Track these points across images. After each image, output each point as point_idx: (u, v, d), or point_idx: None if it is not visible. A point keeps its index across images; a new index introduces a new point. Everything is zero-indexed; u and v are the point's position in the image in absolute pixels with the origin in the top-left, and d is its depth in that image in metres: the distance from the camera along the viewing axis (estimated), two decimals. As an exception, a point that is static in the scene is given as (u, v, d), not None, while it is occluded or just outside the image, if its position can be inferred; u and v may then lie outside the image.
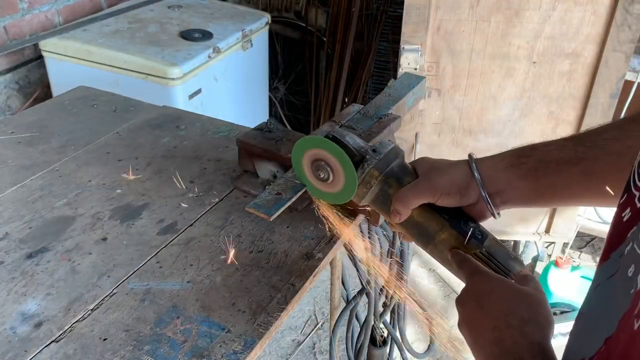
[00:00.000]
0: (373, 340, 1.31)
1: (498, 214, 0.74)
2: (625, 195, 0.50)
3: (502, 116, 2.08)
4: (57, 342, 0.77)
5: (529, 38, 1.91)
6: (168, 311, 0.82)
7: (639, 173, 0.49)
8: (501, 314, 0.61)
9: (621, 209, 0.51)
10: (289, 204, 0.82)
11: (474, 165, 0.73)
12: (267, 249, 0.95)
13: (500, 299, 0.63)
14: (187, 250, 0.94)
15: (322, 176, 0.77)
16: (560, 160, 0.70)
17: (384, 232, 1.13)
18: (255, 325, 0.80)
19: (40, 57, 2.16)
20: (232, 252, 0.92)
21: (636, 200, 0.48)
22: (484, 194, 0.72)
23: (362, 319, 1.28)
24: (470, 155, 0.75)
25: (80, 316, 0.81)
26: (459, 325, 0.67)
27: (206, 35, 2.17)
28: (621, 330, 0.45)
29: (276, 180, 0.86)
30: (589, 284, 0.58)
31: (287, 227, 1.00)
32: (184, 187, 1.10)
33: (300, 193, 0.84)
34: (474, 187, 0.72)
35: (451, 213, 0.73)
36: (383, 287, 1.21)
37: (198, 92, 2.10)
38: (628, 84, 2.04)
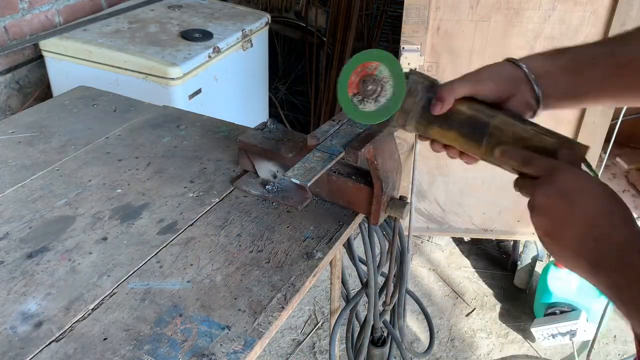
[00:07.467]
0: (373, 340, 1.31)
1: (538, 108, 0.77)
2: None
3: (502, 116, 2.08)
4: (57, 341, 0.77)
5: (529, 38, 1.91)
6: (168, 311, 0.82)
7: None
8: (601, 213, 0.60)
9: None
10: (322, 172, 0.88)
11: (522, 63, 0.77)
12: (267, 249, 0.95)
13: (595, 197, 0.62)
14: (187, 250, 0.94)
15: (369, 88, 0.80)
16: (596, 53, 0.75)
17: (384, 232, 1.13)
18: (255, 324, 0.80)
19: (40, 57, 2.16)
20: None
21: None
22: (532, 77, 0.75)
23: (362, 318, 1.29)
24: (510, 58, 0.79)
25: (81, 316, 0.81)
26: (542, 229, 0.65)
27: (206, 35, 2.17)
28: None
29: (309, 154, 0.92)
30: (588, 283, 0.58)
31: (287, 227, 1.00)
32: (184, 187, 1.10)
33: (332, 163, 0.89)
34: (516, 78, 0.76)
35: (495, 107, 0.78)
36: (383, 286, 1.21)
37: (198, 92, 2.10)
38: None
